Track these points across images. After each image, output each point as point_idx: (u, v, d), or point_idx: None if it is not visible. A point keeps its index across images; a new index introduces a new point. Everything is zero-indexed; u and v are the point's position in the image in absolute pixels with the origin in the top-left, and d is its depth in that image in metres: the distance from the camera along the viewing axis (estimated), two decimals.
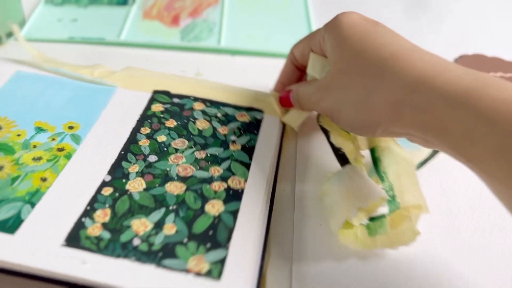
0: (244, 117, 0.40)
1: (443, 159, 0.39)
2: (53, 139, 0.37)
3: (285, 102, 0.39)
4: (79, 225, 0.30)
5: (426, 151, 0.38)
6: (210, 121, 0.39)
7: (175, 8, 0.58)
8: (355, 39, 0.30)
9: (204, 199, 0.33)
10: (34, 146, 0.36)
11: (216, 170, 0.35)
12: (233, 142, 0.37)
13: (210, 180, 0.34)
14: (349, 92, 0.30)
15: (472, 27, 0.58)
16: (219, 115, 0.40)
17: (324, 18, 0.57)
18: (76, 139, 0.37)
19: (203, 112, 0.40)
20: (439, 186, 0.37)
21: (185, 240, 0.30)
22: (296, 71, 0.39)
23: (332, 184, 0.34)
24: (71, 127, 0.38)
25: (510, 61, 0.51)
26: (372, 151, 0.34)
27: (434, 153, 0.38)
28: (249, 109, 0.41)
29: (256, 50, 0.51)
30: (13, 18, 0.50)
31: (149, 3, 0.58)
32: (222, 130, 0.39)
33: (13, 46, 0.49)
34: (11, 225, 0.30)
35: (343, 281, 0.30)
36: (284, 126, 0.41)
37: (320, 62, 0.35)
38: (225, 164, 0.35)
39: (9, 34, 0.50)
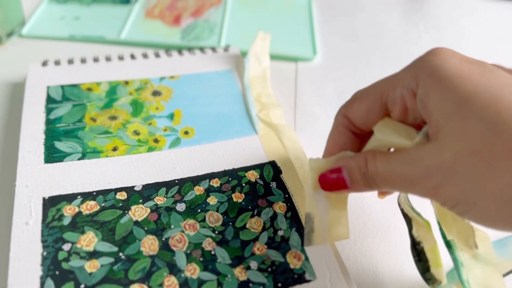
0: None
1: None
2: (165, 130, 0.36)
3: (334, 185, 0.26)
4: None
5: None
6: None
7: (178, 8, 0.54)
8: (482, 101, 0.20)
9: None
10: (150, 124, 0.37)
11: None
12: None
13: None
14: (493, 182, 0.20)
15: (471, 34, 0.55)
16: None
17: (328, 21, 0.54)
18: (176, 142, 0.36)
19: None
20: None
21: None
22: (355, 139, 0.28)
23: None
24: (186, 132, 0.36)
25: (511, 69, 0.47)
26: (451, 249, 0.26)
27: None
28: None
29: None
30: (13, 18, 0.47)
31: (152, 2, 0.55)
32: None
33: (13, 45, 0.46)
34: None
35: None
36: None
37: (403, 127, 0.24)
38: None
39: (9, 34, 0.46)
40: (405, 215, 0.28)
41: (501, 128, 0.20)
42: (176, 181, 0.32)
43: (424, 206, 0.28)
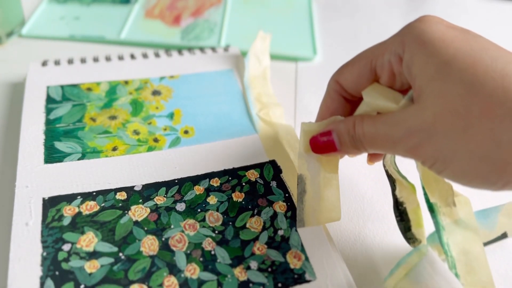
0: None
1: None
2: (165, 129, 0.36)
3: (324, 147, 0.28)
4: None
5: (497, 231, 0.31)
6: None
7: (177, 8, 0.54)
8: (461, 64, 0.21)
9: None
10: (149, 123, 0.36)
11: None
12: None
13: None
14: (467, 141, 0.21)
15: None
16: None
17: (328, 21, 0.54)
18: (176, 141, 0.35)
19: None
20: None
21: None
22: (346, 104, 0.29)
23: (410, 283, 0.25)
24: (186, 132, 0.36)
25: None
26: (433, 213, 0.27)
27: (504, 236, 0.31)
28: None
29: None
30: (13, 18, 0.47)
31: (151, 2, 0.55)
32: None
33: (13, 45, 0.46)
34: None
35: None
36: None
37: (390, 92, 0.25)
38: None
39: (9, 34, 0.46)
40: (390, 177, 0.29)
41: (477, 89, 0.21)
42: (176, 181, 0.32)
43: (410, 173, 0.29)
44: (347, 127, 0.26)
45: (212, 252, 0.28)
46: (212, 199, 0.31)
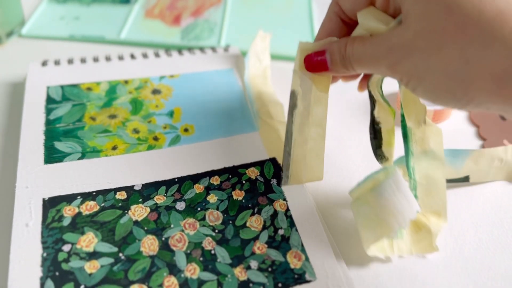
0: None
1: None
2: (165, 127, 0.36)
3: (316, 65, 0.29)
4: None
5: (462, 172, 0.34)
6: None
7: (177, 8, 0.54)
8: None
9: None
10: (149, 122, 0.36)
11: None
12: None
13: None
14: (440, 58, 0.23)
15: None
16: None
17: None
18: (176, 140, 0.35)
19: None
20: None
21: None
22: (343, 26, 0.30)
23: (374, 196, 0.28)
24: (186, 130, 0.36)
25: None
26: (406, 139, 0.30)
27: (466, 179, 0.34)
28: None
29: None
30: (13, 18, 0.46)
31: (151, 2, 0.54)
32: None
33: (13, 45, 0.46)
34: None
35: None
36: None
37: (383, 16, 0.27)
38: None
39: (9, 34, 0.46)
40: (371, 97, 0.31)
41: (455, 10, 0.22)
42: (176, 180, 0.32)
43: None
44: (339, 46, 0.27)
45: (212, 252, 0.28)
46: (212, 198, 0.31)
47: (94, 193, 0.30)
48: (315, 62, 0.29)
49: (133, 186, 0.31)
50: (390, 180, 0.28)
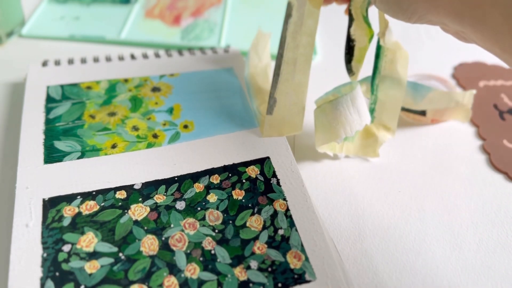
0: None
1: (444, 172, 0.35)
2: (164, 124, 0.36)
3: None
4: None
5: (420, 105, 0.38)
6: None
7: (177, 8, 0.54)
8: None
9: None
10: (149, 119, 0.36)
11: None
12: None
13: None
14: None
15: None
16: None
17: (328, 21, 0.54)
18: (176, 137, 0.35)
19: None
20: (441, 201, 0.33)
21: None
22: None
23: (331, 107, 0.33)
24: (186, 126, 0.36)
25: (510, 69, 0.47)
26: (377, 59, 0.34)
27: (422, 113, 0.39)
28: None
29: None
30: (13, 18, 0.46)
31: (151, 2, 0.54)
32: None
33: (13, 45, 0.45)
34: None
35: None
36: None
37: None
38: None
39: (9, 34, 0.46)
40: (350, 15, 0.34)
41: None
42: (176, 178, 0.32)
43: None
44: None
45: (212, 252, 0.28)
46: (212, 197, 0.31)
47: (94, 193, 0.30)
48: None
49: (133, 185, 0.31)
50: (348, 96, 0.32)
